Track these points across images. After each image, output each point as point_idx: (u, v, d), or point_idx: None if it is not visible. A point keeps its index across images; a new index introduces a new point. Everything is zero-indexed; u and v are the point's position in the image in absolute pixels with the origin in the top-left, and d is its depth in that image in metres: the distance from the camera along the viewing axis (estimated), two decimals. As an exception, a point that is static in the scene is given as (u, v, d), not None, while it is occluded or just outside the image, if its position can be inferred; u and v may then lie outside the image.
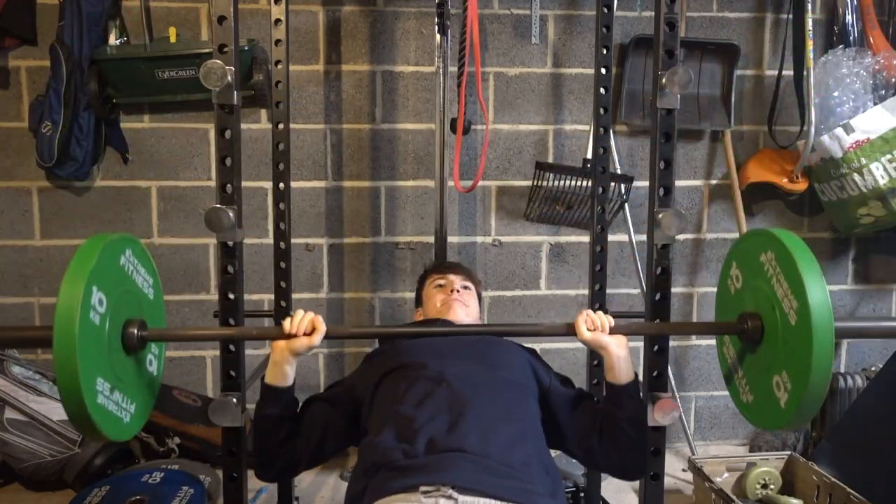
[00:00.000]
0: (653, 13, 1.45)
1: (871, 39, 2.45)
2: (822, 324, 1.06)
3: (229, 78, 1.33)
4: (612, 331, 1.35)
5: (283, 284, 1.96)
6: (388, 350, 1.52)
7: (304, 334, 1.31)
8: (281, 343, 1.34)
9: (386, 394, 1.38)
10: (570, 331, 1.36)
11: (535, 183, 2.31)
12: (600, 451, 1.39)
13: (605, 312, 1.39)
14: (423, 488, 1.14)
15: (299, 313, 1.33)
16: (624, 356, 1.36)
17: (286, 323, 1.33)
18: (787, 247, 1.15)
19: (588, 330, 1.35)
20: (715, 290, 1.46)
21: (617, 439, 1.37)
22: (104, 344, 1.12)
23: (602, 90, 1.91)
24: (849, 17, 2.47)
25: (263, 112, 2.45)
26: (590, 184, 2.16)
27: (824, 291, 1.09)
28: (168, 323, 2.48)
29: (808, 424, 2.55)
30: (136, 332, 1.21)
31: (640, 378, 1.53)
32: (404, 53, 2.47)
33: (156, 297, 1.36)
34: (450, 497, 1.12)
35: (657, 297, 1.46)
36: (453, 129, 2.09)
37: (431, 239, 2.27)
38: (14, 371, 2.24)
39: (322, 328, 1.32)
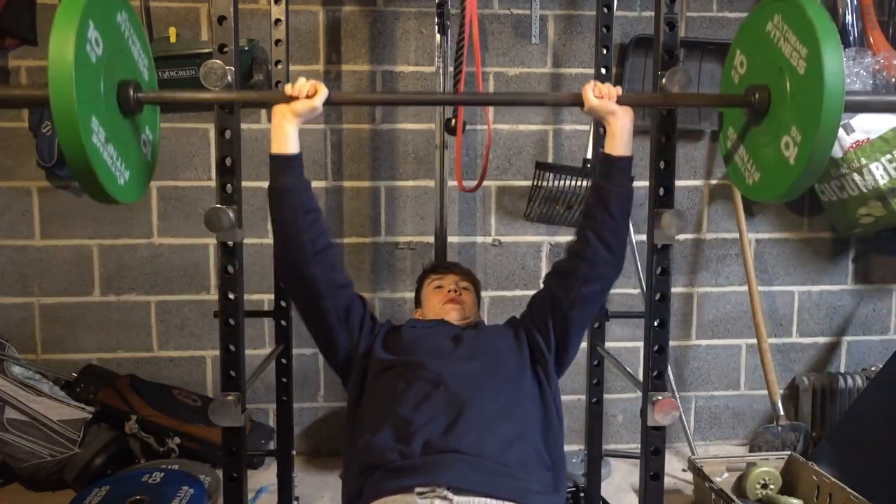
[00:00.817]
0: (653, 13, 1.45)
1: (871, 39, 2.45)
2: (832, 59, 1.08)
3: (229, 78, 1.33)
4: (619, 101, 1.37)
5: (283, 284, 1.96)
6: (391, 336, 1.52)
7: (307, 97, 1.32)
8: (281, 105, 1.34)
9: (384, 392, 1.38)
10: (576, 100, 1.38)
11: (535, 183, 2.31)
12: (581, 236, 1.42)
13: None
14: (418, 489, 1.14)
15: (301, 78, 1.34)
16: (628, 126, 1.38)
17: (287, 87, 1.34)
18: (795, 1, 1.18)
19: (595, 97, 1.36)
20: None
21: (600, 213, 1.39)
22: (99, 89, 1.10)
23: (602, 90, 1.91)
24: (849, 17, 2.47)
25: (263, 112, 2.45)
26: (590, 184, 2.16)
27: (834, 30, 1.12)
28: (168, 323, 2.50)
29: (808, 424, 2.55)
30: (131, 92, 1.19)
31: (641, 377, 1.53)
32: (404, 53, 2.47)
33: (150, 79, 1.35)
34: (445, 498, 1.13)
35: (657, 297, 1.46)
36: (448, 131, 2.08)
37: (431, 239, 2.27)
38: (14, 371, 2.24)
39: (324, 90, 1.33)
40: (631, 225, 2.42)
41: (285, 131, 1.34)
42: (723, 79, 1.46)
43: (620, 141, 1.38)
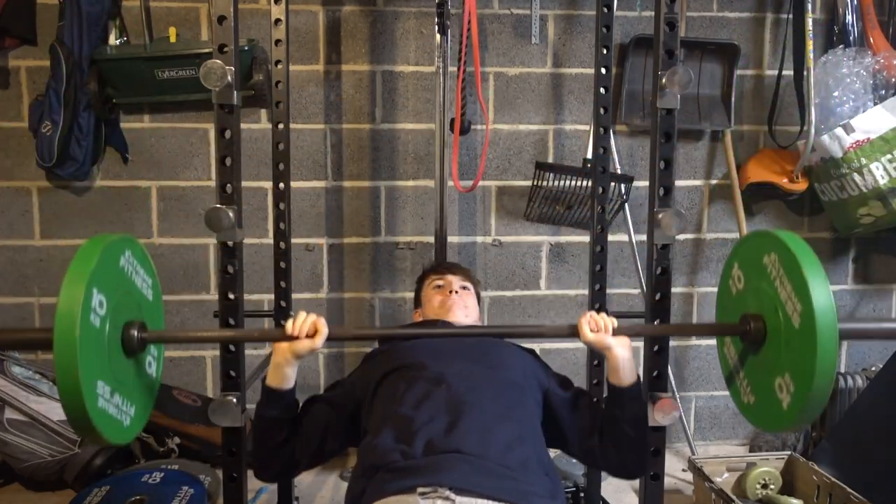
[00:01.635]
0: (653, 13, 1.45)
1: (871, 39, 2.45)
2: (826, 328, 1.06)
3: (229, 78, 1.33)
4: (615, 332, 1.35)
5: (283, 284, 1.96)
6: (388, 350, 1.52)
7: (307, 336, 1.30)
8: (283, 345, 1.33)
9: (385, 395, 1.38)
10: (573, 332, 1.35)
11: (535, 183, 2.31)
12: (600, 451, 1.40)
13: (607, 314, 1.39)
14: (420, 489, 1.14)
15: (301, 315, 1.32)
16: (628, 357, 1.36)
17: (288, 325, 1.31)
18: (790, 249, 1.15)
19: (591, 331, 1.34)
20: (715, 289, 1.46)
21: (618, 440, 1.37)
22: (104, 347, 1.12)
23: (602, 90, 1.91)
24: (849, 17, 2.47)
25: (263, 112, 2.45)
26: (590, 184, 2.16)
27: (829, 295, 1.08)
28: (168, 323, 2.49)
29: (808, 424, 2.55)
30: (135, 334, 1.20)
31: (641, 378, 1.53)
32: (404, 53, 2.47)
33: (155, 299, 1.35)
34: (447, 498, 1.12)
35: (657, 297, 1.46)
36: (452, 130, 2.09)
37: (431, 239, 2.27)
38: (14, 371, 2.24)
39: (324, 330, 1.30)
40: (631, 225, 2.42)
41: (285, 373, 1.35)
42: (720, 289, 1.42)
43: (623, 372, 1.36)
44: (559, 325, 1.41)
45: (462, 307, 1.67)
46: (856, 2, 2.46)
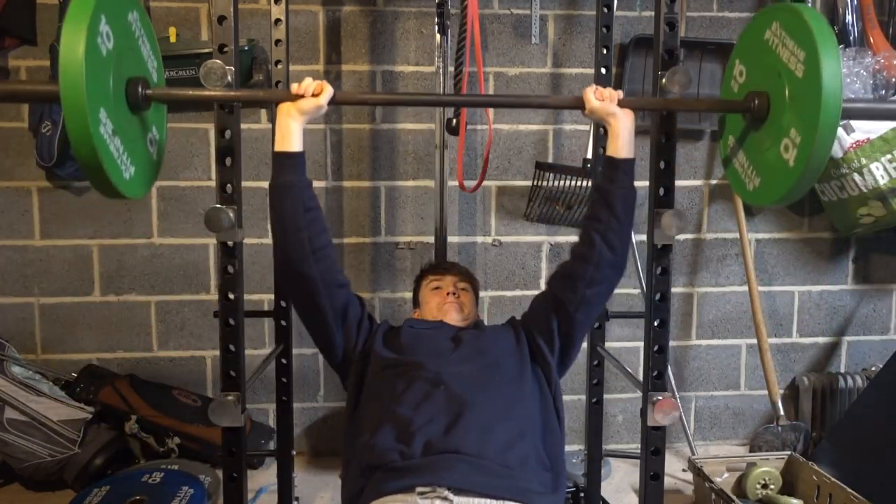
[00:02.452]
0: (653, 13, 1.45)
1: (871, 39, 2.45)
2: (829, 61, 1.10)
3: (229, 78, 1.33)
4: (620, 104, 1.38)
5: (280, 282, 1.96)
6: (390, 332, 1.52)
7: (313, 95, 1.33)
8: (287, 104, 1.35)
9: (383, 393, 1.38)
10: (578, 103, 1.40)
11: (535, 183, 2.31)
12: (585, 238, 1.43)
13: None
14: (419, 489, 1.14)
15: (307, 79, 1.35)
16: (629, 128, 1.39)
17: (293, 85, 1.35)
18: (792, 7, 1.21)
19: (596, 100, 1.37)
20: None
21: (604, 216, 1.40)
22: (108, 83, 1.12)
23: (602, 90, 1.91)
24: (849, 17, 2.47)
25: (263, 112, 2.45)
26: (590, 184, 2.16)
27: (831, 33, 1.13)
28: (168, 323, 2.50)
29: (808, 424, 2.55)
30: (139, 88, 1.21)
31: (641, 377, 1.53)
32: (404, 53, 2.47)
33: (159, 80, 1.36)
34: (445, 498, 1.13)
35: (657, 297, 1.46)
36: (449, 131, 2.08)
37: (431, 239, 2.27)
38: (14, 371, 2.24)
39: (329, 89, 1.34)
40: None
41: (290, 129, 1.35)
42: (723, 88, 1.48)
43: (622, 142, 1.39)
44: (564, 96, 1.43)
45: (460, 308, 1.67)
46: (856, 2, 2.46)
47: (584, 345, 1.99)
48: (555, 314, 1.47)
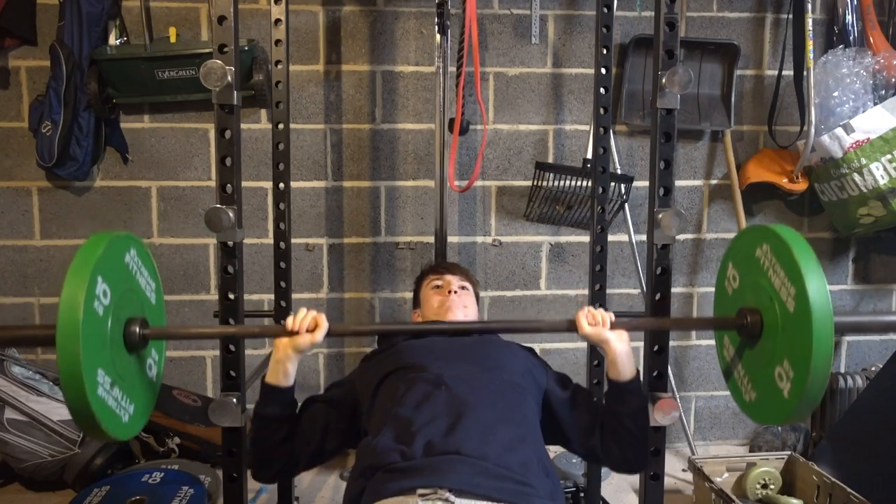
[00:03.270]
0: (653, 13, 1.45)
1: (871, 39, 2.45)
2: (820, 306, 1.08)
3: (229, 78, 1.33)
4: (613, 326, 1.35)
5: (283, 284, 1.96)
6: (387, 351, 1.52)
7: (307, 331, 1.31)
8: (283, 340, 1.33)
9: (385, 396, 1.38)
10: (571, 327, 1.36)
11: (535, 183, 2.31)
12: (602, 447, 1.40)
13: (605, 310, 1.40)
14: (420, 491, 1.14)
15: (302, 311, 1.33)
16: (626, 351, 1.36)
17: (288, 321, 1.32)
18: (781, 237, 1.17)
19: (589, 325, 1.35)
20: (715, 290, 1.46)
21: (619, 435, 1.38)
22: (106, 337, 1.12)
23: (602, 90, 1.91)
24: (849, 17, 2.47)
25: (263, 112, 2.45)
26: (590, 184, 2.16)
27: (820, 275, 1.10)
28: (168, 323, 2.49)
29: (808, 424, 2.55)
30: (137, 330, 1.20)
31: (640, 372, 1.53)
32: (404, 53, 2.47)
33: (157, 302, 1.36)
34: (446, 500, 1.12)
35: (657, 297, 1.46)
36: (451, 130, 2.09)
37: (431, 239, 2.27)
38: (14, 371, 2.24)
39: (325, 325, 1.31)
40: (631, 225, 2.42)
41: (285, 368, 1.35)
42: (716, 290, 1.43)
43: (621, 366, 1.36)
44: (557, 319, 1.41)
45: (461, 307, 1.67)
46: (856, 2, 2.46)
47: (584, 345, 1.99)
48: (561, 438, 1.47)
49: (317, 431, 1.41)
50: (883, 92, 2.38)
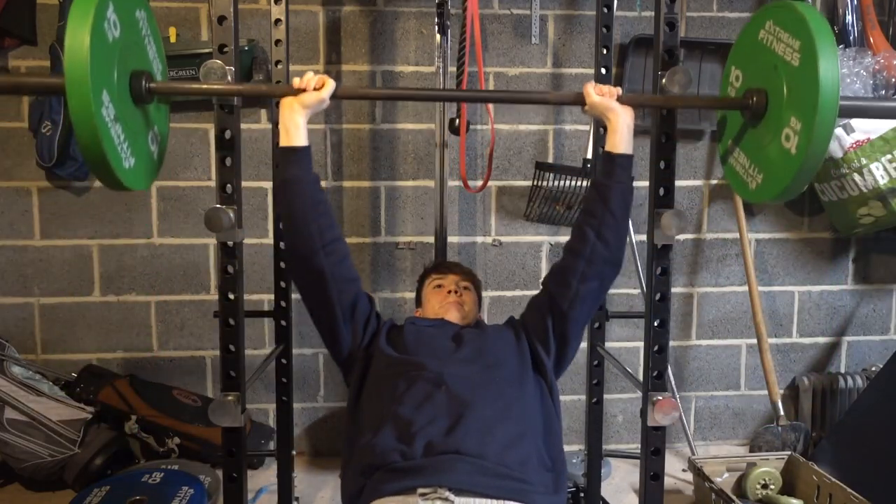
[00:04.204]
0: (653, 13, 1.45)
1: (871, 39, 2.45)
2: (825, 45, 1.12)
3: (229, 78, 1.33)
4: (620, 100, 1.39)
5: (283, 284, 1.96)
6: (392, 332, 1.52)
7: (314, 89, 1.34)
8: (290, 98, 1.35)
9: (384, 393, 1.38)
10: (578, 99, 1.41)
11: (535, 183, 2.31)
12: (576, 236, 1.44)
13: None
14: (420, 490, 1.15)
15: (309, 73, 1.36)
16: (628, 124, 1.39)
17: (295, 80, 1.36)
18: (783, 3, 1.24)
19: (596, 96, 1.38)
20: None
21: (600, 210, 1.40)
22: (112, 68, 1.12)
23: (602, 90, 1.91)
24: (849, 17, 2.47)
25: (263, 112, 2.45)
26: (589, 184, 2.16)
27: (823, 20, 1.16)
28: (168, 323, 2.50)
29: (808, 424, 2.55)
30: (143, 81, 1.21)
31: (641, 377, 1.53)
32: (404, 53, 2.47)
33: (163, 79, 1.36)
34: (446, 499, 1.13)
35: (657, 297, 1.46)
36: (452, 130, 2.09)
37: (431, 239, 2.27)
38: (14, 371, 2.24)
39: (331, 83, 1.35)
40: (631, 225, 2.42)
41: (295, 122, 1.35)
42: (720, 94, 1.48)
43: (621, 138, 1.39)
44: (564, 92, 1.44)
45: (461, 306, 1.67)
46: (856, 2, 2.46)
47: (584, 345, 1.99)
48: (549, 312, 1.47)
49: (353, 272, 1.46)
50: (883, 92, 2.38)
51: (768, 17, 1.29)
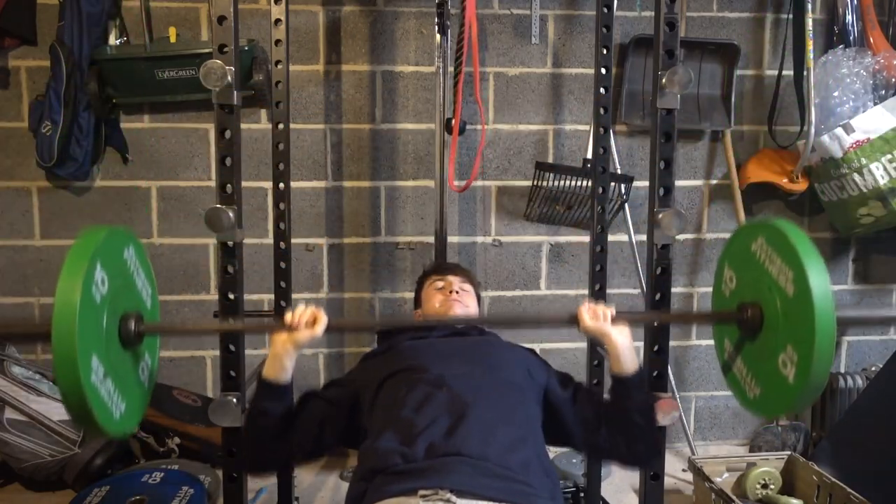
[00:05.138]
0: (653, 13, 1.45)
1: (871, 39, 2.45)
2: (819, 283, 1.09)
3: (229, 78, 1.33)
4: (614, 321, 1.35)
5: (283, 284, 1.96)
6: (388, 351, 1.52)
7: (306, 326, 1.30)
8: (282, 335, 1.32)
9: (386, 398, 1.38)
10: (572, 321, 1.35)
11: (535, 183, 2.31)
12: (607, 443, 1.39)
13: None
14: (421, 492, 1.14)
15: (301, 306, 1.32)
16: (627, 345, 1.35)
17: (287, 316, 1.31)
18: (775, 227, 1.20)
19: (590, 319, 1.34)
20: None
21: (626, 429, 1.36)
22: (101, 326, 1.11)
23: (602, 90, 1.91)
24: (849, 17, 2.47)
25: (263, 112, 2.45)
26: (590, 184, 2.16)
27: (816, 255, 1.12)
28: (168, 323, 2.49)
29: (808, 424, 2.55)
30: (133, 324, 1.19)
31: (642, 366, 1.53)
32: (404, 53, 2.47)
33: (153, 307, 1.34)
34: (448, 501, 1.13)
35: (657, 297, 1.46)
36: (448, 130, 2.09)
37: (431, 239, 2.27)
38: (14, 371, 2.24)
39: (324, 319, 1.30)
40: (631, 225, 2.42)
41: (283, 364, 1.33)
42: (714, 294, 1.43)
43: (624, 360, 1.35)
44: (558, 313, 1.42)
45: (462, 308, 1.67)
46: (856, 2, 2.46)
47: (584, 345, 1.99)
48: (562, 435, 1.46)
49: (314, 427, 1.40)
50: (883, 92, 2.38)
51: (760, 232, 1.25)
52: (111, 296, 1.14)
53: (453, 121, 2.05)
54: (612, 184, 2.14)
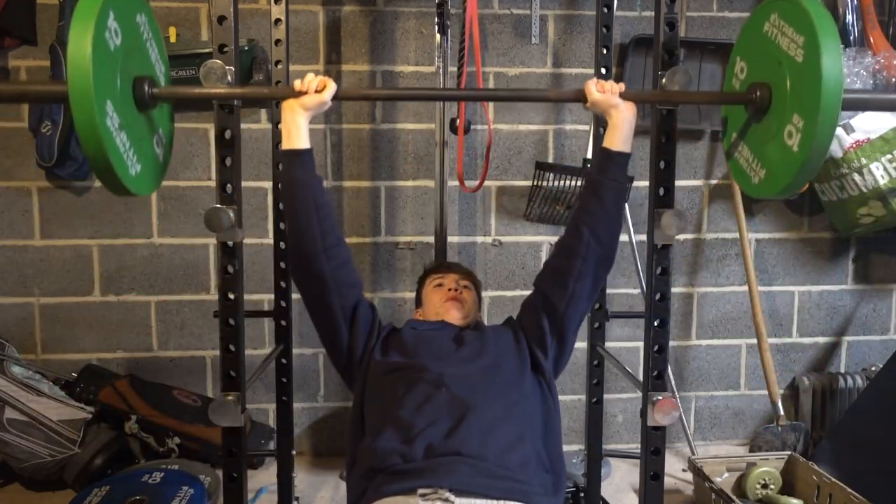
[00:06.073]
0: (653, 13, 1.45)
1: (871, 39, 2.45)
2: (828, 42, 1.11)
3: (229, 78, 1.33)
4: (622, 97, 1.38)
5: (283, 284, 1.96)
6: (390, 337, 1.52)
7: (316, 91, 1.34)
8: (291, 100, 1.36)
9: (385, 396, 1.38)
10: (579, 96, 1.39)
11: (535, 183, 2.31)
12: (572, 239, 1.43)
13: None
14: (420, 491, 1.15)
15: (310, 75, 1.36)
16: (630, 121, 1.38)
17: (296, 82, 1.36)
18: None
19: (598, 92, 1.37)
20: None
21: (593, 210, 1.40)
22: (115, 76, 1.13)
23: (602, 90, 1.91)
24: (849, 17, 2.47)
25: (263, 112, 2.45)
26: (585, 180, 2.15)
27: (828, 16, 1.15)
28: (168, 323, 2.50)
29: (808, 424, 2.55)
30: (146, 87, 1.22)
31: (641, 377, 1.53)
32: (404, 53, 2.47)
33: (166, 83, 1.36)
34: (446, 500, 1.13)
35: (657, 297, 1.46)
36: (452, 130, 2.09)
37: (431, 239, 2.27)
38: (14, 371, 2.24)
39: (332, 85, 1.35)
40: (631, 225, 2.42)
41: (297, 125, 1.36)
42: (724, 87, 1.48)
43: (621, 134, 1.38)
44: (565, 90, 1.43)
45: (461, 306, 1.67)
46: (856, 2, 2.46)
47: (584, 345, 1.99)
48: (544, 313, 1.47)
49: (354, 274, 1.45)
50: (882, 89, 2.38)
51: (773, 9, 1.28)
52: (124, 51, 1.15)
53: (458, 121, 2.05)
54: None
